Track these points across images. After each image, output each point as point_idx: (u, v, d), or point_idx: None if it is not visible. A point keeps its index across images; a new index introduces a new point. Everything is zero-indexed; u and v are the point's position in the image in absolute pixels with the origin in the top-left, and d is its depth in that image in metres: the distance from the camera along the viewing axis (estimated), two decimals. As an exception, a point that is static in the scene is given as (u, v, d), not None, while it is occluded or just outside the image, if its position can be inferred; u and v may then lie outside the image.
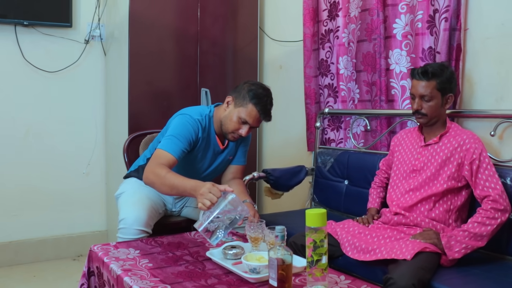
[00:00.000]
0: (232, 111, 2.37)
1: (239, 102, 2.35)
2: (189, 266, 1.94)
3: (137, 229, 2.30)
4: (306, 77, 3.28)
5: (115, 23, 3.43)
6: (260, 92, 2.34)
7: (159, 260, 1.99)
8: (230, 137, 2.41)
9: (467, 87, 2.42)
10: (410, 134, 2.39)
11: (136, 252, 2.09)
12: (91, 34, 3.55)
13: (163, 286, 1.73)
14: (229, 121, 2.37)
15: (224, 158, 2.57)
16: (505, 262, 2.11)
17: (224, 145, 2.53)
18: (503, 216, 2.01)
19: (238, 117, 2.34)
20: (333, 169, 3.01)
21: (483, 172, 2.08)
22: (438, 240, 2.03)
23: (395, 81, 2.72)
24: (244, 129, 2.35)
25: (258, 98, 2.32)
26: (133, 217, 2.31)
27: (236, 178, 2.62)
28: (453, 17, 2.40)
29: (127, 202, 2.43)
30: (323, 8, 3.18)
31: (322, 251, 1.71)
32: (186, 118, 2.39)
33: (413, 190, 2.23)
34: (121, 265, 1.92)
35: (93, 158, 3.67)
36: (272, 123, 3.74)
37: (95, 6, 3.54)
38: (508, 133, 2.28)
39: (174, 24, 3.34)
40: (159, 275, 1.83)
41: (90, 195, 3.68)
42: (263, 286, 1.74)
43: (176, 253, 2.09)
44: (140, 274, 1.83)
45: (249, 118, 2.33)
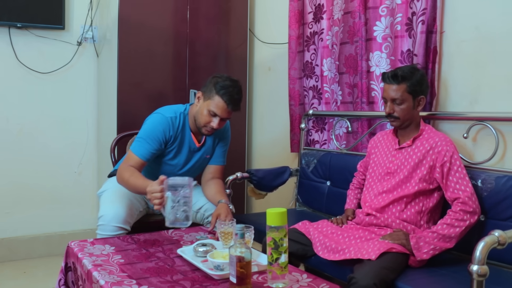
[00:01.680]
0: (202, 105, 2.41)
1: (207, 95, 2.40)
2: (159, 262, 1.98)
3: (115, 225, 2.35)
4: (290, 79, 3.31)
5: (107, 25, 3.48)
6: (227, 83, 2.37)
7: (131, 257, 2.04)
8: (204, 131, 2.44)
9: (442, 89, 2.43)
10: (386, 137, 2.41)
11: (111, 248, 2.14)
12: (83, 36, 3.61)
13: (129, 281, 1.77)
14: (200, 116, 2.41)
15: (201, 156, 2.60)
16: (473, 264, 2.11)
17: (200, 143, 2.57)
18: (472, 218, 2.03)
19: (207, 110, 2.37)
20: (316, 170, 3.03)
21: (454, 174, 2.09)
22: (407, 241, 2.04)
23: (375, 83, 2.74)
24: (215, 121, 2.38)
25: (224, 89, 2.35)
26: (111, 214, 2.36)
27: (215, 178, 2.65)
28: (430, 20, 2.42)
29: (107, 200, 2.48)
30: (308, 11, 3.20)
31: (282, 250, 1.74)
32: (158, 117, 2.46)
33: (386, 192, 2.25)
34: (93, 260, 1.97)
35: (84, 158, 3.74)
36: (261, 123, 3.80)
37: (88, 9, 3.61)
38: (481, 136, 2.28)
39: (163, 25, 3.38)
40: (128, 270, 1.88)
41: (82, 194, 3.74)
42: (225, 283, 1.77)
43: (149, 250, 2.13)
44: (110, 269, 1.88)
45: (217, 110, 2.36)
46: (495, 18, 2.23)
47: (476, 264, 1.63)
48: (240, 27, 3.71)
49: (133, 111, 3.31)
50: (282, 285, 1.74)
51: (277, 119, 3.63)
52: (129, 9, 3.24)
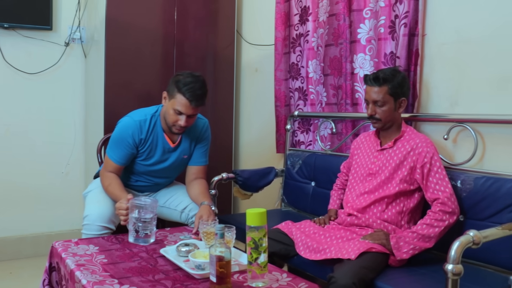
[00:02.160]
0: (167, 105, 2.41)
1: (170, 94, 2.39)
2: (142, 262, 2.00)
3: (99, 225, 2.36)
4: (276, 80, 3.33)
5: (95, 26, 3.49)
6: (188, 80, 2.34)
7: (114, 256, 2.05)
8: (174, 130, 2.44)
9: (424, 91, 2.46)
10: (369, 138, 2.44)
11: (95, 248, 2.15)
12: (71, 36, 3.62)
13: (110, 280, 1.79)
14: (167, 115, 2.41)
15: (178, 157, 2.60)
16: (452, 263, 2.14)
17: (175, 143, 2.57)
18: (451, 219, 2.06)
19: (173, 109, 2.36)
20: (301, 171, 3.06)
21: (434, 175, 2.12)
22: (387, 241, 2.07)
23: (359, 85, 2.77)
24: (182, 119, 2.37)
25: (185, 86, 2.32)
26: (96, 214, 2.38)
27: (198, 179, 2.66)
28: (412, 23, 2.44)
29: (92, 200, 2.50)
30: (294, 13, 3.22)
31: (262, 249, 1.76)
32: (126, 121, 2.50)
33: (367, 193, 2.28)
34: (77, 260, 1.98)
35: (72, 158, 3.75)
36: (248, 124, 3.82)
37: (76, 9, 3.61)
38: (461, 137, 2.32)
39: (151, 26, 3.39)
40: (110, 270, 1.89)
41: (69, 194, 3.75)
42: (206, 282, 1.79)
43: (133, 250, 2.15)
44: (92, 269, 1.89)
45: (181, 108, 2.34)
46: (474, 22, 2.26)
47: (451, 263, 1.66)
48: (228, 28, 3.73)
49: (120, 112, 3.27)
50: (261, 284, 1.76)
51: (263, 120, 3.66)
52: (116, 10, 3.24)
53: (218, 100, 3.72)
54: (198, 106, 2.37)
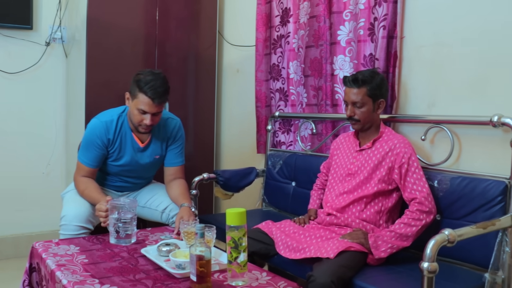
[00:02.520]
0: (131, 105, 2.40)
1: (133, 94, 2.38)
2: (123, 262, 2.01)
3: (77, 225, 2.36)
4: (257, 81, 3.35)
5: (76, 25, 3.48)
6: (148, 78, 2.33)
7: (95, 256, 2.06)
8: (140, 129, 2.44)
9: (402, 92, 2.50)
10: (348, 139, 2.47)
11: (76, 248, 2.15)
12: (52, 36, 3.60)
13: (91, 280, 1.79)
14: (132, 116, 2.41)
15: (150, 157, 2.59)
16: (429, 262, 2.18)
17: (144, 143, 2.56)
18: (428, 218, 2.10)
19: (136, 109, 2.36)
20: (282, 171, 3.09)
21: (411, 175, 2.16)
22: (366, 240, 2.10)
23: (339, 86, 2.80)
24: (146, 118, 2.36)
25: (146, 84, 2.31)
26: (73, 214, 2.38)
27: (177, 179, 2.66)
28: (391, 26, 2.48)
29: (69, 200, 2.50)
30: (275, 14, 3.25)
31: (242, 249, 1.78)
32: (93, 123, 2.51)
33: (346, 193, 2.31)
34: (57, 260, 1.98)
35: (53, 158, 3.72)
36: (229, 124, 3.84)
37: (57, 9, 3.59)
38: (438, 138, 2.36)
39: (132, 26, 3.39)
40: (91, 270, 1.90)
41: (50, 195, 3.72)
42: (186, 281, 1.80)
43: (114, 250, 2.15)
44: (73, 269, 1.90)
45: (144, 106, 2.33)
46: (451, 26, 2.30)
47: (427, 261, 1.70)
48: (209, 29, 3.74)
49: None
50: (241, 283, 1.78)
51: (244, 120, 3.67)
52: (98, 10, 3.23)
53: (200, 101, 3.73)
54: (161, 104, 2.37)
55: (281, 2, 3.20)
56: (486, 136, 2.16)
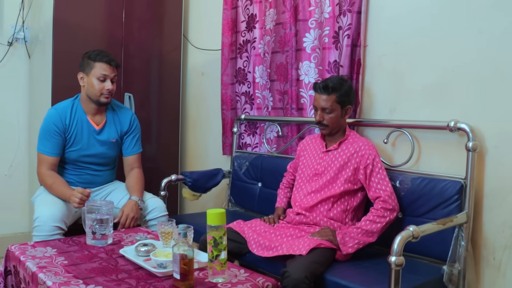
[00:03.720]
0: (88, 80, 2.63)
1: (87, 70, 2.62)
2: (103, 262, 2.04)
3: (52, 225, 2.38)
4: (223, 84, 3.44)
5: (39, 26, 3.44)
6: (97, 51, 2.65)
7: (74, 258, 2.08)
8: (102, 99, 2.64)
9: (366, 98, 2.65)
10: (315, 140, 2.59)
11: (53, 250, 2.16)
12: (14, 36, 3.54)
13: (76, 281, 1.82)
14: (92, 88, 2.62)
15: (107, 139, 2.73)
16: (392, 256, 2.34)
17: (99, 125, 2.71)
18: (392, 215, 2.25)
19: (96, 78, 2.61)
20: (248, 172, 3.18)
21: (376, 175, 2.31)
22: (334, 237, 2.23)
23: (304, 91, 2.92)
24: (107, 84, 2.62)
25: (98, 55, 2.62)
26: (47, 214, 2.39)
27: (134, 169, 2.81)
28: (355, 35, 2.62)
29: (42, 202, 2.51)
30: (241, 20, 3.34)
31: (222, 247, 1.87)
32: (48, 113, 2.67)
33: (314, 192, 2.43)
34: (37, 262, 1.99)
35: (15, 160, 3.66)
36: (194, 127, 3.90)
37: (19, 9, 3.53)
38: (399, 141, 2.53)
39: (98, 28, 3.39)
40: (73, 271, 1.92)
41: (13, 197, 3.66)
42: (168, 279, 1.86)
43: (92, 251, 2.18)
44: (55, 270, 1.92)
45: (104, 71, 2.61)
46: (411, 36, 2.47)
47: (394, 256, 1.84)
48: (175, 32, 3.79)
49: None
50: (222, 280, 1.86)
51: (209, 122, 3.75)
52: (64, 11, 3.20)
53: (165, 103, 3.77)
54: (116, 67, 2.68)
55: (247, 8, 3.29)
56: (443, 140, 2.34)
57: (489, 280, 2.22)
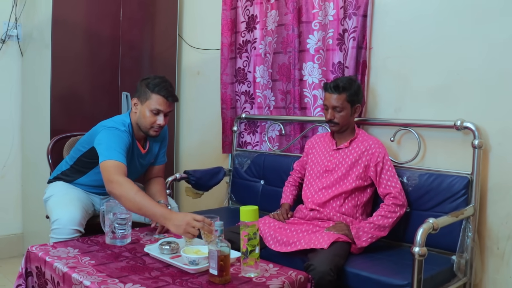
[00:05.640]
0: (141, 109, 2.48)
1: (143, 98, 2.48)
2: (130, 261, 2.05)
3: (72, 228, 2.37)
4: (222, 84, 3.49)
5: (33, 24, 3.40)
6: (157, 81, 2.48)
7: (100, 257, 2.08)
8: (152, 132, 2.51)
9: (371, 98, 2.77)
10: (323, 139, 2.69)
11: (76, 251, 2.15)
12: (7, 33, 3.48)
13: (112, 280, 1.82)
14: (143, 119, 2.48)
15: (147, 162, 2.69)
16: (402, 248, 2.47)
17: (145, 149, 2.65)
18: (401, 210, 2.37)
19: (149, 110, 2.45)
20: (250, 170, 3.25)
21: (386, 173, 2.43)
22: (349, 231, 2.33)
23: (308, 91, 3.02)
24: (160, 119, 2.47)
25: (157, 86, 2.46)
26: (67, 217, 2.38)
27: (157, 177, 2.77)
28: (360, 37, 2.73)
29: (59, 204, 2.48)
30: (241, 20, 3.40)
31: (255, 243, 1.93)
32: (115, 131, 2.43)
33: (325, 188, 2.53)
34: (65, 263, 1.98)
35: (9, 160, 3.59)
36: (189, 125, 3.93)
37: (12, 5, 3.47)
38: (404, 139, 2.66)
39: (96, 28, 3.38)
40: (104, 270, 1.92)
41: (6, 198, 3.60)
42: (202, 276, 1.91)
43: (114, 251, 2.19)
44: (86, 270, 1.91)
45: (160, 106, 2.45)
46: (416, 40, 2.60)
47: (417, 247, 1.96)
48: (170, 31, 3.82)
49: (66, 114, 3.28)
50: (254, 274, 1.93)
51: (206, 121, 3.79)
52: (63, 11, 3.18)
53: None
54: (173, 102, 2.51)
55: (247, 9, 3.35)
56: (449, 138, 2.48)
57: (493, 268, 2.38)
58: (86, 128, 2.73)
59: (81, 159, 2.61)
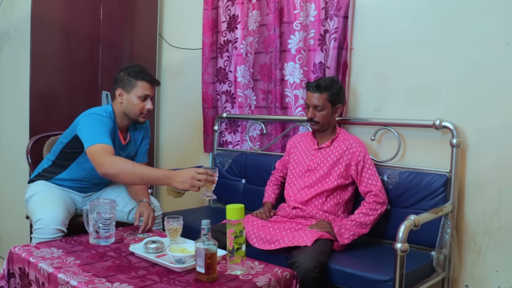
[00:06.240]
0: (128, 98, 2.54)
1: (128, 87, 2.54)
2: (116, 261, 2.05)
3: (55, 228, 2.35)
4: (204, 83, 3.50)
5: (10, 21, 3.34)
6: (137, 68, 2.57)
7: (84, 257, 2.07)
8: (141, 118, 2.58)
9: (352, 98, 2.82)
10: (304, 138, 2.73)
11: (59, 251, 2.14)
12: (-18, 31, 3.43)
13: (99, 279, 1.82)
14: (132, 107, 2.54)
15: (127, 155, 2.68)
16: (383, 245, 2.53)
17: (126, 141, 2.66)
18: (382, 208, 2.42)
19: (137, 97, 2.52)
20: (231, 169, 3.27)
21: (367, 171, 2.47)
22: (331, 229, 2.38)
23: (289, 91, 3.05)
24: (148, 103, 2.55)
25: (139, 73, 2.55)
26: (50, 217, 2.36)
27: None
28: (341, 38, 2.77)
29: (41, 203, 2.45)
30: (222, 20, 3.41)
31: (241, 241, 1.95)
32: (97, 116, 2.47)
33: (308, 187, 2.56)
34: (50, 263, 1.97)
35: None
36: (169, 125, 3.92)
37: (-13, 3, 3.42)
38: (385, 138, 2.72)
39: (76, 26, 3.34)
40: (90, 270, 1.92)
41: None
42: (189, 274, 1.92)
43: (98, 250, 2.18)
44: (72, 270, 1.90)
45: (147, 91, 2.54)
46: (395, 41, 2.66)
47: (400, 243, 2.01)
48: (150, 30, 3.80)
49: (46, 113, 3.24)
50: (240, 272, 1.95)
51: (187, 121, 3.79)
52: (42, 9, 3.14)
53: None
54: (157, 85, 2.68)
55: (228, 9, 3.37)
56: (428, 137, 2.55)
57: (470, 263, 2.45)
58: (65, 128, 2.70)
59: (64, 151, 2.60)
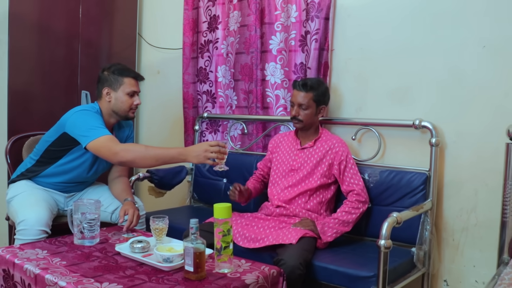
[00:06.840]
0: (117, 95, 2.57)
1: (116, 85, 2.57)
2: (102, 261, 2.04)
3: (39, 229, 2.32)
4: (184, 83, 3.50)
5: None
6: (120, 66, 2.62)
7: (70, 258, 2.06)
8: (131, 114, 2.62)
9: (333, 98, 2.86)
10: (287, 138, 2.76)
11: (44, 252, 2.12)
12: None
13: (87, 279, 1.81)
14: (121, 104, 2.57)
15: None
16: (365, 242, 2.59)
17: None
18: (364, 207, 2.48)
19: (125, 94, 2.56)
20: (212, 169, 3.27)
21: (349, 171, 2.52)
22: (315, 227, 2.42)
23: (270, 91, 3.08)
24: (137, 99, 2.61)
25: (124, 70, 2.60)
26: (34, 218, 2.33)
27: (122, 176, 2.76)
28: (322, 39, 2.82)
29: (24, 204, 2.42)
30: (203, 20, 3.42)
31: (229, 239, 1.97)
32: (88, 112, 2.50)
33: (291, 186, 2.60)
34: (36, 264, 1.95)
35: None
36: (149, 125, 3.91)
37: (-38, 0, 3.35)
38: (365, 137, 2.77)
39: (54, 24, 3.30)
40: (77, 271, 1.90)
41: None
42: (177, 273, 1.93)
43: (84, 251, 2.16)
44: (59, 271, 1.89)
45: (133, 87, 2.59)
46: (376, 42, 2.72)
47: (383, 240, 2.06)
48: (129, 30, 3.79)
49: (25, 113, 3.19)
50: (228, 270, 1.97)
51: (167, 120, 3.79)
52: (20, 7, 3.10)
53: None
54: (142, 80, 2.69)
55: (208, 9, 3.38)
56: (407, 136, 2.62)
57: (449, 258, 2.53)
58: (45, 128, 2.69)
59: (49, 150, 2.58)
